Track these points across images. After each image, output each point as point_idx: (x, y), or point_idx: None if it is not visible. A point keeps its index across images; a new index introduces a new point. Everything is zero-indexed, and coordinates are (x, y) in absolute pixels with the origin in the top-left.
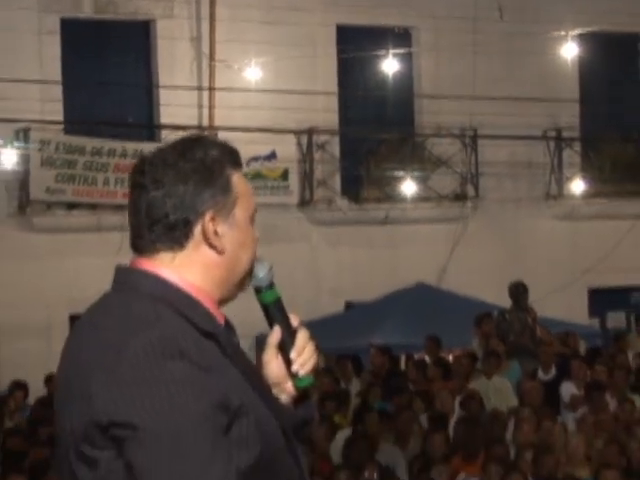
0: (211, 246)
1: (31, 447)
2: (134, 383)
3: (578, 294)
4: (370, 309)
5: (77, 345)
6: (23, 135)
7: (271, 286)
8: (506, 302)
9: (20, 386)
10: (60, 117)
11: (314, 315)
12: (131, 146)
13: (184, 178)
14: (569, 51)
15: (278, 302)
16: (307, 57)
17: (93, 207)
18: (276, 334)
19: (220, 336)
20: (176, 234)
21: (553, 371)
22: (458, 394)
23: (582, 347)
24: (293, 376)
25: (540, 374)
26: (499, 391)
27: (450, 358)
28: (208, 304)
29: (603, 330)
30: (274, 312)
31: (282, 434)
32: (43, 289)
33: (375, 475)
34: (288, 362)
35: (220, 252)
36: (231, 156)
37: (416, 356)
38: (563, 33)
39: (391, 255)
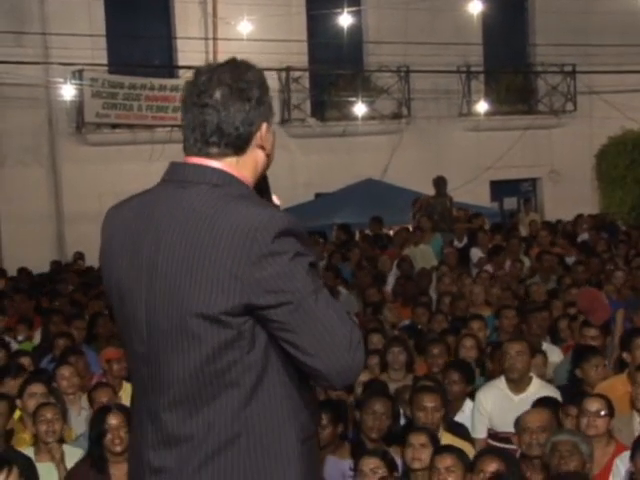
0: (263, 149)
1: (89, 300)
2: (272, 264)
3: (482, 185)
4: (333, 198)
5: (178, 229)
6: (78, 75)
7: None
8: (432, 191)
9: (81, 256)
10: (105, 61)
11: (292, 203)
12: (157, 82)
13: (246, 97)
14: (475, 7)
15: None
16: (285, 15)
17: (130, 127)
18: None
19: None
20: (241, 143)
21: (465, 240)
22: (396, 258)
23: (486, 223)
24: None
25: (455, 243)
26: (424, 256)
27: (391, 232)
28: None
29: (501, 211)
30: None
31: None
32: (95, 186)
33: None
34: None
35: (267, 153)
36: (264, 76)
37: (366, 231)
38: None
39: (348, 159)
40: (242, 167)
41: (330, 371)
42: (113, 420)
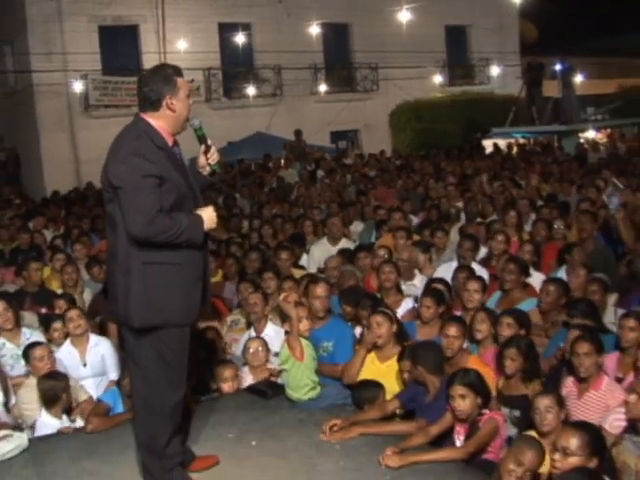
0: (170, 109)
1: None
2: (120, 166)
3: (325, 134)
4: (236, 145)
5: (114, 142)
6: (85, 77)
7: (200, 128)
8: (294, 138)
9: (91, 185)
10: (100, 68)
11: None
12: (131, 79)
13: (155, 81)
14: (315, 30)
15: (204, 135)
16: (206, 38)
17: (116, 107)
18: (203, 147)
19: (165, 148)
20: (155, 104)
21: (313, 166)
22: (274, 176)
23: (326, 155)
24: (209, 164)
25: (308, 167)
26: (290, 176)
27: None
28: (165, 134)
29: (336, 149)
30: (202, 139)
31: (188, 188)
32: (97, 143)
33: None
34: (207, 159)
35: (173, 112)
36: (178, 71)
37: (259, 162)
38: (311, 22)
39: (246, 121)
40: (156, 118)
41: (134, 232)
42: None
